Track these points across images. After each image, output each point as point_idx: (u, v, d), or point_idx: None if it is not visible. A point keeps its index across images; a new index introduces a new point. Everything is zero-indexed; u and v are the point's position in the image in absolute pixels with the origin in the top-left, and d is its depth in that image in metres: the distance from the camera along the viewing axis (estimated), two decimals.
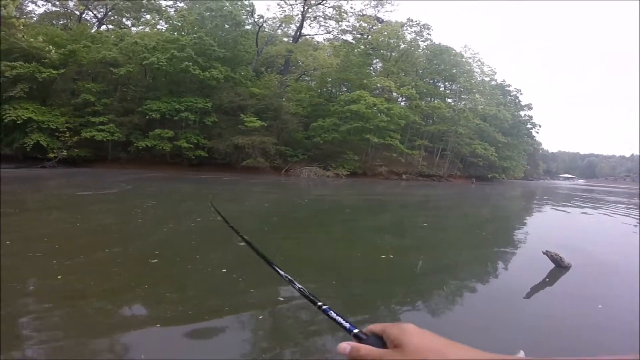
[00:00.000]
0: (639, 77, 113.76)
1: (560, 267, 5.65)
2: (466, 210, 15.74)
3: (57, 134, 24.69)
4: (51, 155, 24.31)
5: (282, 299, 3.94)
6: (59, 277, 4.18)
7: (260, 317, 3.58)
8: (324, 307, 0.58)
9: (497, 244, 7.98)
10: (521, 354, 2.16)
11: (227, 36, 31.09)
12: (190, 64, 27.33)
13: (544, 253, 5.76)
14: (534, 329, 3.57)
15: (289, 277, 0.71)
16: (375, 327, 0.50)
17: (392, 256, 6.09)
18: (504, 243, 8.24)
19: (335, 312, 0.56)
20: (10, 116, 23.11)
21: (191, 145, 27.28)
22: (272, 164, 29.51)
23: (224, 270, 4.75)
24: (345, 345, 0.48)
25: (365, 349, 0.47)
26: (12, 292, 3.68)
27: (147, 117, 26.65)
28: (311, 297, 0.61)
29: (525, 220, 13.64)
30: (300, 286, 0.66)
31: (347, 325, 0.53)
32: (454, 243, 8.25)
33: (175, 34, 31.18)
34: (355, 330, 0.51)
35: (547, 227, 11.54)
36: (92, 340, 2.95)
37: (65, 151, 24.62)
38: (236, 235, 1.10)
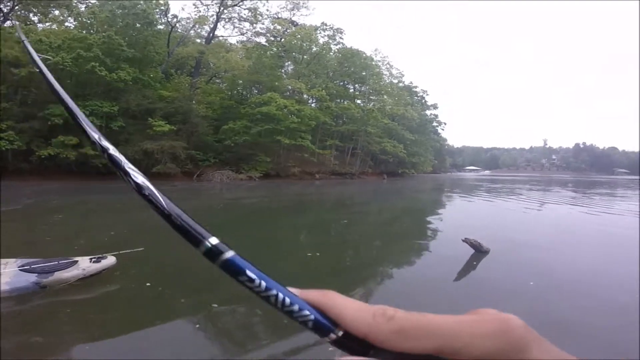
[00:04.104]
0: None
1: (480, 252, 6.11)
2: (382, 205, 16.92)
3: None
4: None
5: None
6: None
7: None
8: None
9: (418, 234, 8.58)
10: None
11: (138, 36, 32.01)
12: (97, 64, 27.77)
13: (463, 240, 6.20)
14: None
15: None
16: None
17: (318, 253, 6.50)
18: (424, 233, 8.85)
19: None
20: None
21: (98, 153, 28.02)
22: (183, 170, 31.07)
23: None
24: None
25: None
26: None
27: (50, 122, 26.29)
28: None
29: (439, 211, 15.41)
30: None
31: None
32: (377, 236, 8.77)
33: (84, 32, 31.20)
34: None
35: (461, 216, 12.59)
36: None
37: None
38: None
